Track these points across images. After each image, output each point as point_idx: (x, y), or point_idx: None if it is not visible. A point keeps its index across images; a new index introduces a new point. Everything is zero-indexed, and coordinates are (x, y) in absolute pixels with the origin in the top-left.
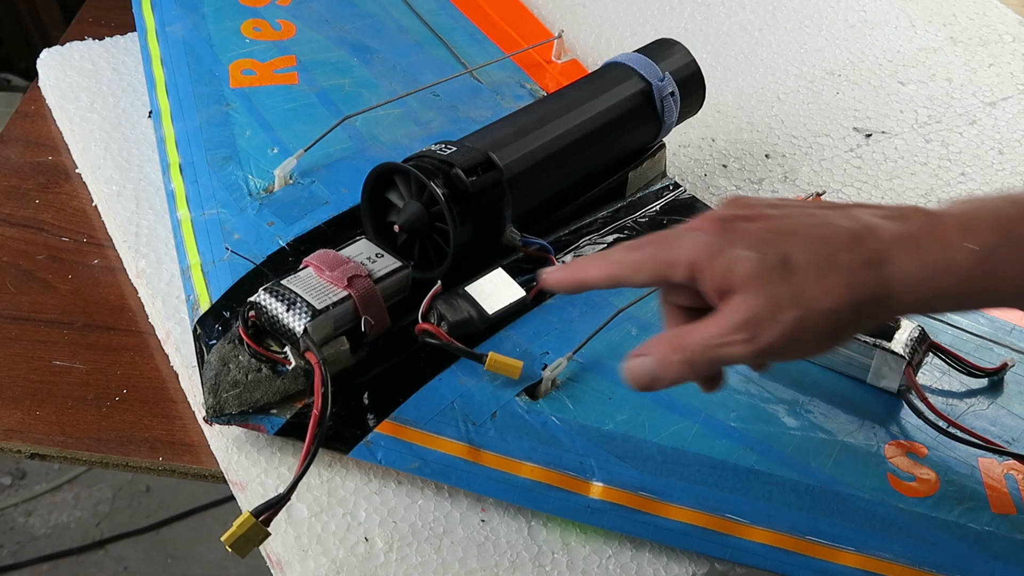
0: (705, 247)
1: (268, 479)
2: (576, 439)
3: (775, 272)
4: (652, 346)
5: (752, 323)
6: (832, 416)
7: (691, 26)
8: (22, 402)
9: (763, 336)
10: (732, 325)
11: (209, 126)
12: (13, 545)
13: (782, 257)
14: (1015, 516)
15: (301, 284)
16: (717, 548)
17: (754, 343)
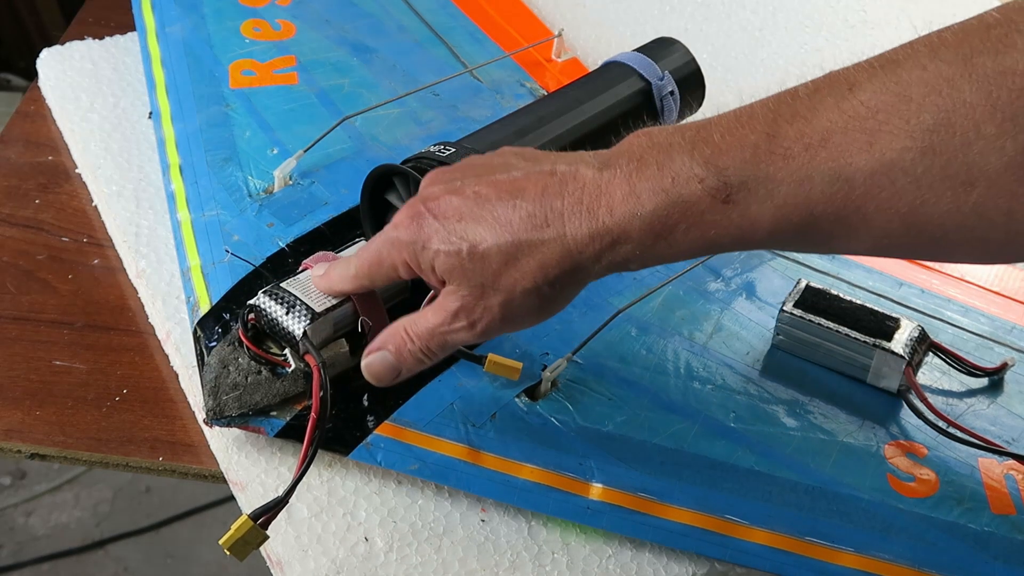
0: (408, 248)
1: (268, 479)
2: (576, 440)
3: (468, 263)
4: (387, 339)
5: (466, 311)
6: (832, 416)
7: (691, 26)
8: (22, 402)
9: (480, 321)
10: (450, 314)
11: (209, 127)
12: (13, 545)
13: (470, 248)
14: (1015, 516)
15: (300, 287)
16: (717, 549)
17: (473, 328)
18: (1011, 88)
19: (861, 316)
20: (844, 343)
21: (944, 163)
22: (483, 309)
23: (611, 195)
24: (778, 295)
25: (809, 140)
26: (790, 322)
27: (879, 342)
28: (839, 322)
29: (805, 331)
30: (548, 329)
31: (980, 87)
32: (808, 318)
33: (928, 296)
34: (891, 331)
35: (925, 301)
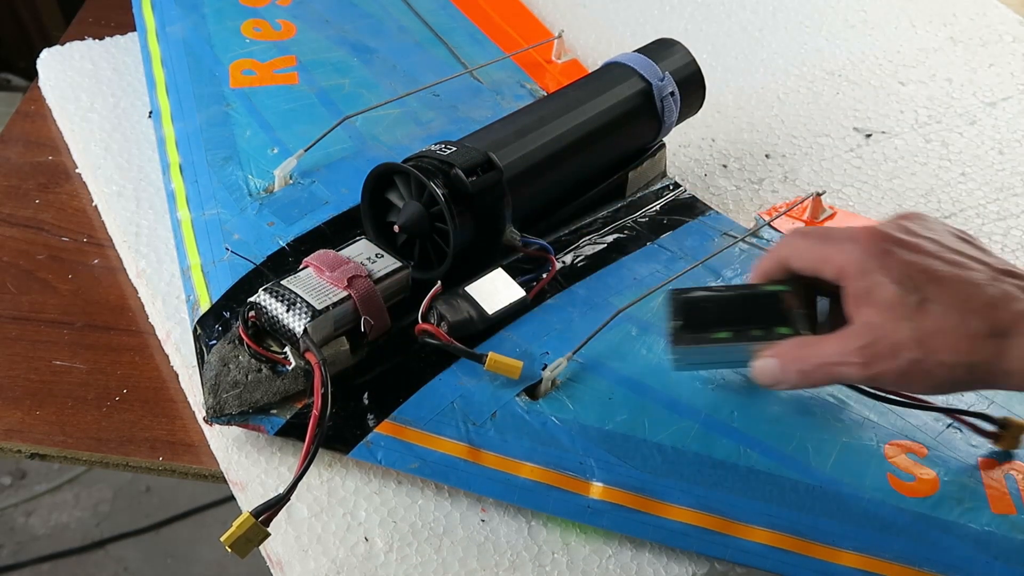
0: (857, 262)
1: (268, 479)
2: (576, 439)
3: (909, 310)
4: (780, 350)
5: (871, 351)
6: (832, 416)
7: (691, 26)
8: (22, 402)
9: (878, 365)
10: (852, 348)
11: (209, 126)
12: (13, 545)
13: (920, 299)
14: (1015, 516)
15: (301, 284)
16: (717, 548)
17: (867, 369)
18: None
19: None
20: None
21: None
22: (890, 357)
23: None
24: None
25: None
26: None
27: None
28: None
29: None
30: (548, 328)
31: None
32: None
33: None
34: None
35: None
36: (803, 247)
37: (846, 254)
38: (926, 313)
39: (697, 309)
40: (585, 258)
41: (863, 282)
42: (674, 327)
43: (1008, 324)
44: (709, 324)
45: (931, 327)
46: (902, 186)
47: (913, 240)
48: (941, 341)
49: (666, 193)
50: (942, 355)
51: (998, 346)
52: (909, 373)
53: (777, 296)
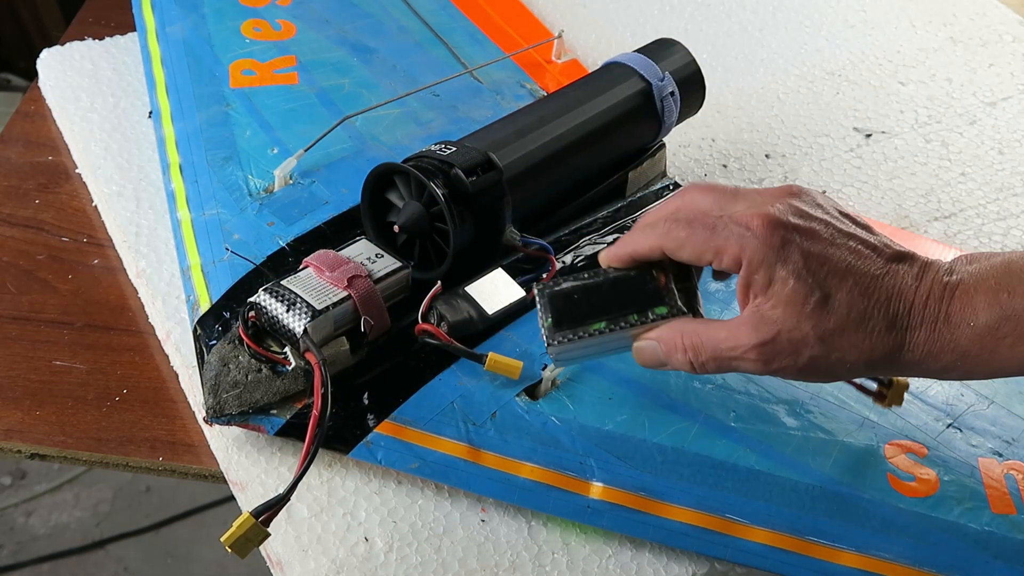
0: (755, 252)
1: (268, 479)
2: (576, 439)
3: (811, 307)
4: (664, 333)
5: (772, 348)
6: (832, 416)
7: (691, 26)
8: (22, 402)
9: (777, 362)
10: (750, 344)
11: (209, 126)
12: (13, 545)
13: (822, 295)
14: (1015, 516)
15: (301, 284)
16: (717, 548)
17: (766, 365)
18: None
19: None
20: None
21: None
22: (790, 354)
23: (952, 304)
24: None
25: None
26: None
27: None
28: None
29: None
30: None
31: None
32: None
33: None
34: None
35: None
36: (687, 241)
37: (741, 244)
38: (827, 311)
39: (568, 301)
40: (585, 258)
41: (762, 274)
42: (546, 326)
43: (903, 317)
44: (582, 316)
45: (833, 325)
46: (902, 186)
47: (808, 225)
48: (843, 340)
49: (666, 193)
50: (843, 352)
51: (895, 340)
52: (808, 369)
53: (648, 275)
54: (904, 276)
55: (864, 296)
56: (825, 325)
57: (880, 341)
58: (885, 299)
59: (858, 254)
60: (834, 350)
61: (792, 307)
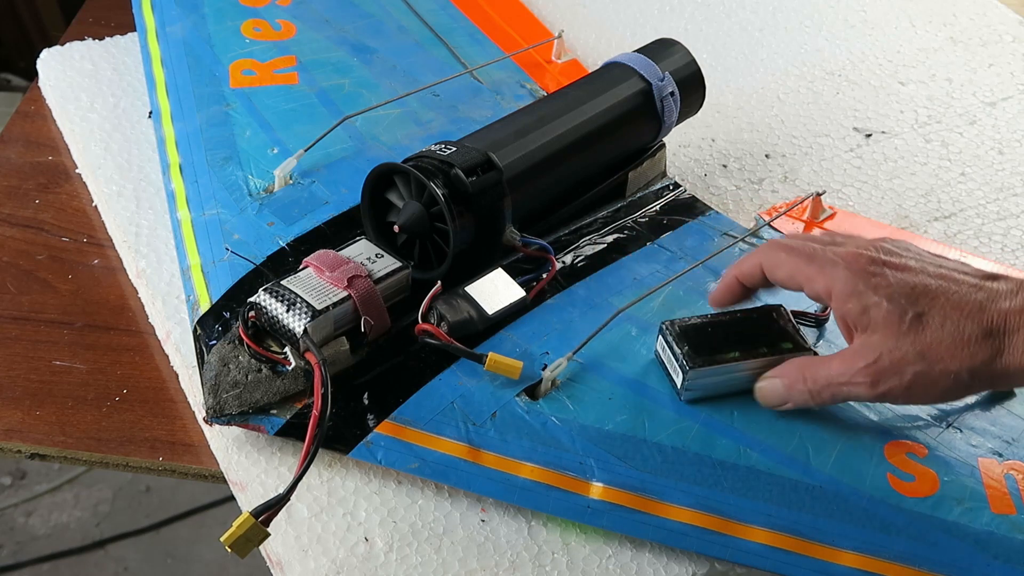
0: (848, 283)
1: (268, 479)
2: (576, 439)
3: (907, 326)
4: (785, 370)
5: (876, 370)
6: (832, 416)
7: (691, 26)
8: (22, 402)
9: (884, 383)
10: (857, 369)
11: (209, 126)
12: (13, 545)
13: (916, 314)
14: (1015, 516)
15: (301, 284)
16: (717, 548)
17: (874, 388)
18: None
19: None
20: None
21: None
22: (895, 374)
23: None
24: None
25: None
26: (697, 376)
27: (781, 346)
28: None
29: (714, 376)
30: (548, 328)
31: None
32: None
33: None
34: (778, 328)
35: None
36: (785, 262)
37: (832, 277)
38: (923, 326)
39: (700, 334)
40: (585, 258)
41: (855, 304)
42: (684, 352)
43: (999, 324)
44: (715, 346)
45: (930, 339)
46: (902, 186)
47: (896, 260)
48: (941, 351)
49: (666, 193)
50: (944, 364)
51: (993, 346)
52: (914, 386)
53: (770, 316)
54: (998, 290)
55: (957, 310)
56: (923, 340)
57: (979, 348)
58: (979, 310)
59: (949, 278)
60: (934, 363)
61: (889, 328)
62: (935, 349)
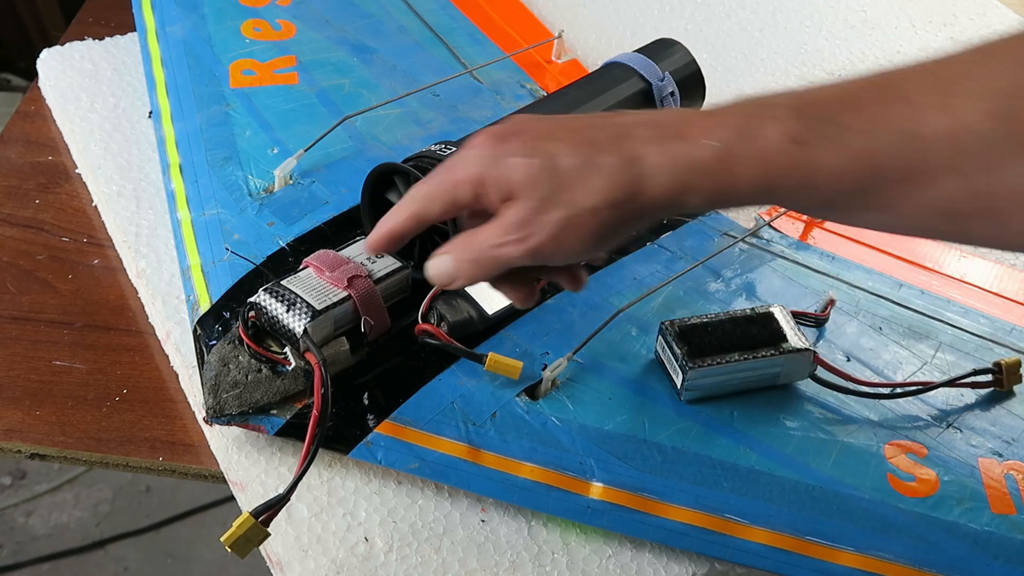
0: (482, 161)
1: (268, 479)
2: (576, 439)
3: (543, 173)
4: (451, 246)
5: (523, 224)
6: (832, 416)
7: (691, 26)
8: (22, 402)
9: (533, 236)
10: (507, 226)
11: (209, 126)
12: (13, 545)
13: (549, 159)
14: (1015, 516)
15: (301, 284)
16: (717, 548)
17: (525, 243)
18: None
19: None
20: (753, 366)
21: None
22: (540, 224)
23: (690, 127)
24: (778, 296)
25: (887, 96)
26: (697, 376)
27: (782, 347)
28: (737, 348)
29: (713, 376)
30: (548, 328)
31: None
32: (711, 361)
33: (928, 297)
34: (777, 328)
35: (925, 302)
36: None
37: (471, 163)
38: (558, 170)
39: (700, 334)
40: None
41: (496, 173)
42: (684, 352)
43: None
44: (715, 347)
45: (565, 181)
46: None
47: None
48: (578, 190)
49: None
50: (585, 201)
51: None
52: (562, 233)
53: (771, 315)
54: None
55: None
56: (559, 184)
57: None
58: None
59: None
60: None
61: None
62: (572, 190)
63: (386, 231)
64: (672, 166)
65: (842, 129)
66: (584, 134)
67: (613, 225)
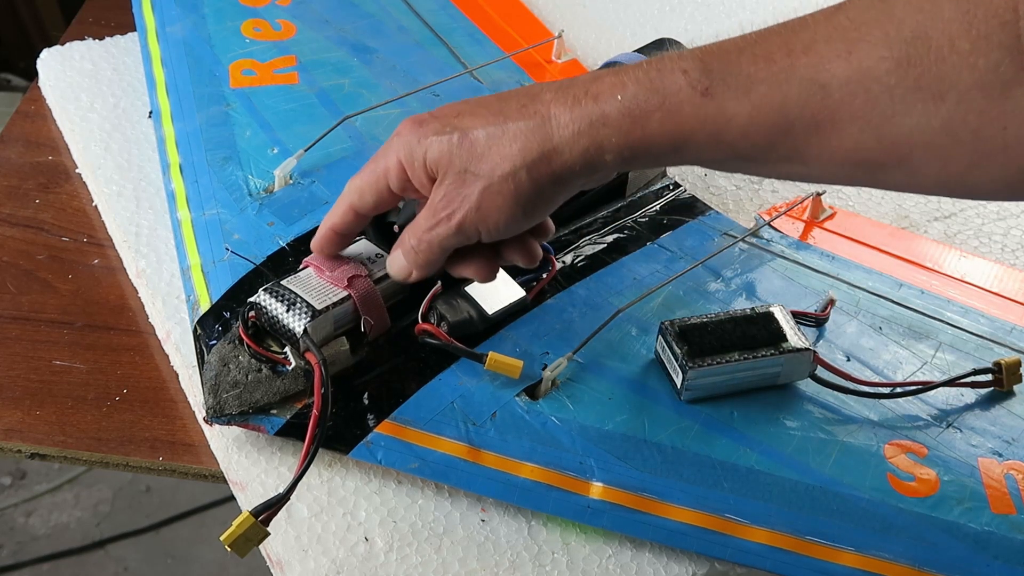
0: (405, 146)
1: (268, 479)
2: (576, 439)
3: (457, 148)
4: (399, 240)
5: (447, 201)
6: (832, 416)
7: (691, 26)
8: (22, 402)
9: (458, 213)
10: (435, 207)
11: (209, 126)
12: (13, 545)
13: (462, 133)
14: (1015, 516)
15: (301, 284)
16: (717, 548)
17: (452, 220)
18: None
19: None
20: (753, 366)
21: (918, 75)
22: (462, 198)
23: (599, 85)
24: (778, 296)
25: (792, 47)
26: (697, 376)
27: (781, 346)
28: (737, 348)
29: (713, 376)
30: (548, 328)
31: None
32: (711, 361)
33: (928, 297)
34: (777, 328)
35: (925, 302)
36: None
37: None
38: (471, 142)
39: (699, 334)
40: (585, 258)
41: (418, 156)
42: (684, 352)
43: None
44: (715, 346)
45: (479, 150)
46: None
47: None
48: (493, 158)
49: (666, 193)
50: (501, 167)
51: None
52: (484, 205)
53: (771, 315)
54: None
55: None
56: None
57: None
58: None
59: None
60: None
61: (445, 161)
62: (486, 159)
63: (327, 229)
64: (581, 123)
65: (749, 80)
66: (496, 106)
67: (533, 191)
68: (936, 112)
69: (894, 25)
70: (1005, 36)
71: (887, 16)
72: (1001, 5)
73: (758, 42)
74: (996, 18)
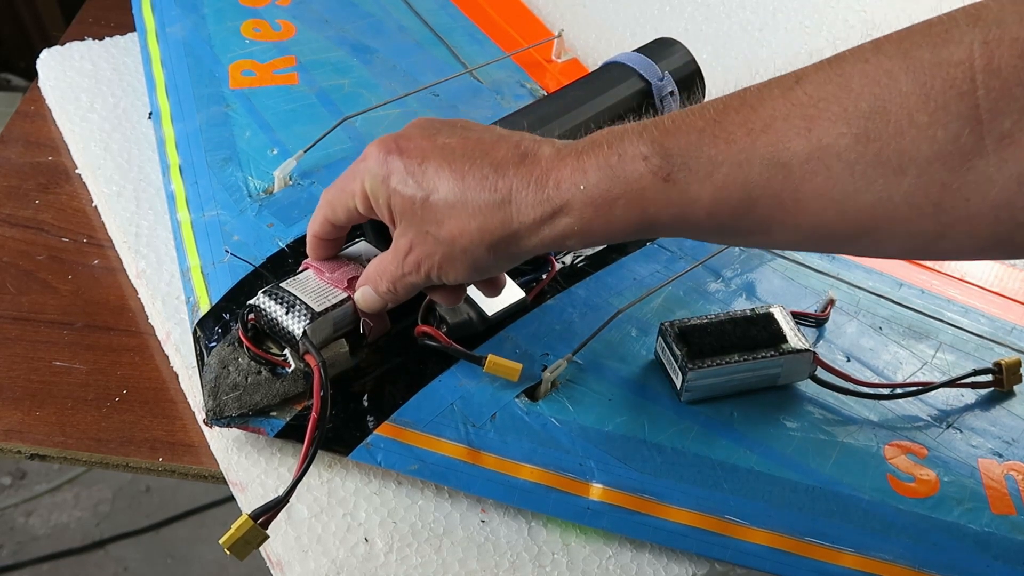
0: (372, 177)
1: (268, 480)
2: (576, 440)
3: (419, 208)
4: (367, 277)
5: (414, 258)
6: (832, 416)
7: (691, 26)
8: (22, 402)
9: (423, 267)
10: (401, 260)
11: (209, 127)
12: (13, 545)
13: (425, 195)
14: (1015, 517)
15: (300, 286)
16: (717, 549)
17: (420, 274)
18: (945, 78)
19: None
20: (753, 367)
21: (877, 150)
22: (427, 258)
23: (561, 170)
24: (778, 296)
25: (752, 126)
26: (697, 377)
27: (781, 347)
28: (737, 349)
29: (713, 377)
30: (548, 329)
31: (916, 77)
32: (711, 362)
33: (928, 297)
34: (777, 329)
35: (925, 302)
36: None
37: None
38: (433, 207)
39: (699, 335)
40: (585, 259)
41: (382, 195)
42: (684, 353)
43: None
44: (715, 347)
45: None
46: None
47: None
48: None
49: None
50: (460, 242)
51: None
52: (447, 267)
53: (771, 315)
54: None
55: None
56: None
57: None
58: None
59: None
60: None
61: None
62: (446, 227)
63: (311, 236)
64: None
65: (711, 163)
66: (460, 163)
67: (491, 263)
68: (898, 186)
69: (851, 99)
70: (963, 106)
71: (844, 91)
72: (958, 75)
73: (717, 121)
74: (953, 88)
